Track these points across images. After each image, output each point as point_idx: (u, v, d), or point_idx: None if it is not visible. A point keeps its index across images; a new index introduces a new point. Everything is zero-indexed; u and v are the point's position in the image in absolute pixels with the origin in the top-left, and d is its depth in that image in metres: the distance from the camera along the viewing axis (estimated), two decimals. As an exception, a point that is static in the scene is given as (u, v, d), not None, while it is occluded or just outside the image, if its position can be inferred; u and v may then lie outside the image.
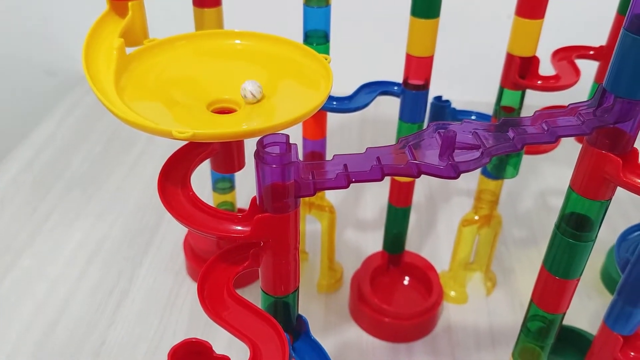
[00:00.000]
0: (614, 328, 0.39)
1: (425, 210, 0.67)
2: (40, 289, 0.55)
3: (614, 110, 0.26)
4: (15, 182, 0.69)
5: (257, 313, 0.27)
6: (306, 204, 0.53)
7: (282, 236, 0.28)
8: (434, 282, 0.53)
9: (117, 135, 0.78)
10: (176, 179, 0.30)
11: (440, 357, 0.50)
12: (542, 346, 0.36)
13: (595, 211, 0.29)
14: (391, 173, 0.26)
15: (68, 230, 0.62)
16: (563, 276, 0.31)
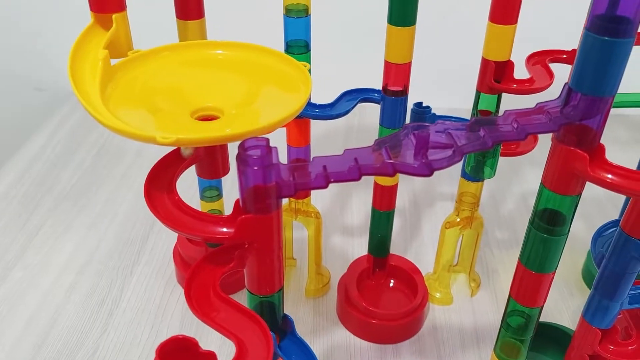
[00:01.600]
0: (593, 322, 0.40)
1: (409, 214, 0.68)
2: (33, 300, 0.56)
3: (579, 107, 0.27)
4: (6, 196, 0.69)
5: (242, 311, 0.28)
6: (292, 210, 0.54)
7: (265, 236, 0.29)
8: (419, 284, 0.54)
9: (106, 150, 0.79)
10: (162, 185, 0.31)
11: (426, 356, 0.51)
12: (522, 340, 0.37)
13: (567, 206, 0.31)
14: (368, 173, 0.28)
15: (59, 241, 0.63)
16: (539, 270, 0.33)
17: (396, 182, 0.50)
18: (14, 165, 0.75)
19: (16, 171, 0.74)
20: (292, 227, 0.56)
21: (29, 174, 0.73)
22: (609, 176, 0.28)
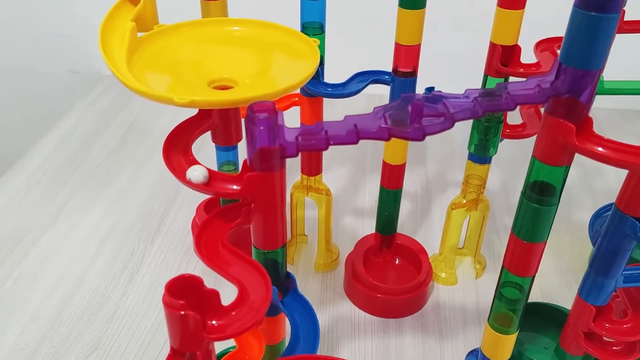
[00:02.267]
0: (588, 299, 0.42)
1: (420, 199, 0.70)
2: (60, 264, 0.59)
3: (567, 80, 0.29)
4: (39, 170, 0.74)
5: (246, 260, 0.31)
6: (304, 187, 0.56)
7: (269, 193, 0.31)
8: (424, 262, 0.56)
9: (133, 129, 0.83)
10: (179, 147, 0.34)
11: (427, 332, 0.53)
12: (515, 310, 0.39)
13: (556, 177, 0.32)
14: (366, 137, 0.30)
15: (86, 213, 0.67)
16: (530, 240, 0.34)
17: (404, 162, 0.52)
18: (48, 141, 0.79)
19: (49, 148, 0.78)
20: (304, 204, 0.59)
21: (61, 150, 0.78)
22: (595, 147, 0.29)
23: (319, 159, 0.54)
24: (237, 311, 0.28)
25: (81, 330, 0.52)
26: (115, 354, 0.50)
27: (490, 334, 0.40)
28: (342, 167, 0.76)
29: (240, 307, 0.28)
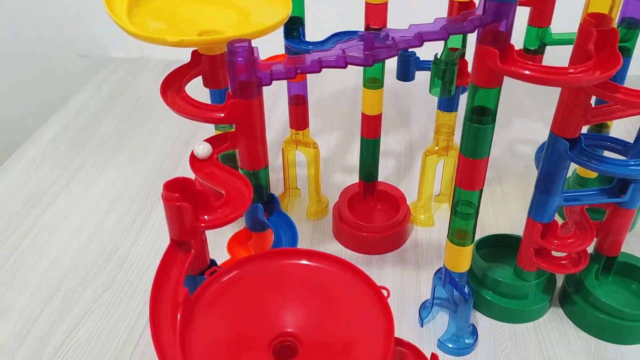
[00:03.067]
0: (535, 217, 0.48)
1: (404, 157, 0.76)
2: (75, 219, 0.66)
3: (489, 12, 0.35)
4: (54, 141, 0.81)
5: (232, 173, 0.37)
6: (294, 141, 0.63)
7: (249, 117, 0.37)
8: (403, 205, 0.62)
9: (140, 105, 0.90)
10: (174, 87, 0.41)
11: (406, 265, 0.59)
12: (468, 224, 0.44)
13: (491, 100, 0.38)
14: (326, 66, 0.36)
15: (98, 176, 0.73)
16: (474, 156, 0.40)
17: (380, 112, 0.57)
18: (61, 117, 0.86)
19: (62, 122, 0.85)
20: (295, 157, 0.65)
21: (74, 123, 0.85)
22: (516, 69, 0.35)
23: (305, 114, 0.61)
24: (223, 208, 0.34)
25: (97, 272, 0.59)
26: (127, 291, 0.57)
27: (451, 248, 0.46)
28: (332, 132, 0.82)
29: (225, 205, 0.34)
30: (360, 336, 0.32)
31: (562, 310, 0.54)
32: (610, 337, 0.50)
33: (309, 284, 0.35)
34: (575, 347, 0.50)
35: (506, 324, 0.53)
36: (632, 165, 0.42)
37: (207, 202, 0.34)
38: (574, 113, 0.41)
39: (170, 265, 0.34)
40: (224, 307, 0.33)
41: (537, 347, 0.50)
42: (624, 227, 0.49)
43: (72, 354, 0.50)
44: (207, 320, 0.32)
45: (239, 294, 0.34)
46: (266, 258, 0.36)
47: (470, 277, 0.54)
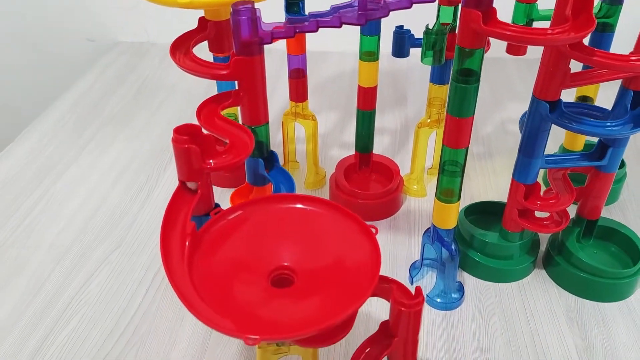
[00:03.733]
0: (519, 179, 0.51)
1: (400, 135, 0.79)
2: (86, 187, 0.70)
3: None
4: (63, 118, 0.84)
5: (236, 125, 0.40)
6: (293, 114, 0.66)
7: (251, 74, 0.41)
8: (396, 175, 0.65)
9: (145, 86, 0.93)
10: (182, 49, 0.44)
11: (398, 231, 0.62)
12: (454, 181, 0.48)
13: (475, 61, 0.41)
14: (322, 25, 0.39)
15: (106, 149, 0.77)
16: (459, 115, 0.43)
17: (375, 85, 0.61)
18: (70, 95, 0.90)
19: (71, 100, 0.88)
20: (294, 130, 0.68)
21: (82, 101, 0.88)
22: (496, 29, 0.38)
23: (305, 87, 0.64)
24: (227, 154, 0.38)
25: (106, 234, 0.62)
26: (134, 251, 0.60)
27: (439, 205, 0.49)
28: (330, 111, 0.85)
29: (229, 152, 0.38)
30: (350, 267, 0.35)
31: (545, 272, 0.57)
32: (589, 295, 0.53)
33: (305, 224, 0.38)
34: (557, 304, 0.53)
35: (492, 283, 0.56)
36: (609, 126, 0.45)
37: (212, 147, 0.37)
38: (554, 76, 0.45)
39: (179, 204, 0.37)
40: (228, 242, 0.37)
41: (520, 304, 0.53)
42: (604, 191, 0.52)
43: (84, 304, 0.54)
44: (212, 252, 0.36)
45: (242, 231, 0.37)
46: (267, 201, 0.39)
47: (459, 240, 0.57)
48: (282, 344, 0.39)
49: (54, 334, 0.51)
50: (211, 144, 0.37)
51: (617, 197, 0.66)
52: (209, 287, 0.33)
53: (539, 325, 0.51)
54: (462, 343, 0.50)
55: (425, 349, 0.49)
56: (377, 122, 0.80)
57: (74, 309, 0.54)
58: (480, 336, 0.50)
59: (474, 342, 0.50)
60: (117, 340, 0.50)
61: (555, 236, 0.57)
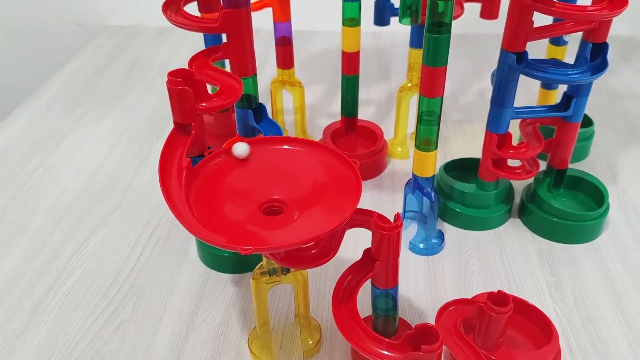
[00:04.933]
0: (491, 129, 0.55)
1: (384, 105, 0.83)
2: (81, 157, 0.72)
3: None
4: (57, 95, 0.86)
5: (226, 73, 0.43)
6: (280, 81, 0.69)
7: (238, 25, 0.44)
8: (380, 137, 0.68)
9: (136, 65, 0.95)
10: (173, 7, 0.47)
11: (383, 190, 0.66)
12: (432, 130, 0.51)
13: (447, 13, 0.45)
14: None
15: (101, 122, 0.79)
16: (434, 64, 0.47)
17: (358, 50, 0.64)
18: (62, 74, 0.92)
19: (64, 79, 0.91)
20: (282, 98, 0.71)
21: (74, 80, 0.90)
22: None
23: (291, 53, 0.67)
24: (217, 97, 0.41)
25: (103, 198, 0.65)
26: (131, 212, 0.63)
27: (418, 154, 0.53)
28: (318, 86, 0.88)
29: (220, 96, 0.41)
30: (335, 195, 0.39)
31: (519, 220, 0.61)
32: (560, 238, 0.57)
33: (293, 162, 0.41)
34: (530, 247, 0.57)
35: (470, 232, 0.59)
36: (570, 73, 0.49)
37: (204, 91, 0.40)
38: (519, 29, 0.48)
39: (175, 144, 0.40)
40: (222, 178, 0.40)
41: (497, 248, 0.57)
42: (570, 141, 0.56)
43: (84, 261, 0.57)
44: (208, 185, 0.39)
45: (235, 169, 0.40)
46: (258, 142, 0.42)
47: (439, 193, 0.60)
48: (274, 272, 0.42)
49: (56, 287, 0.54)
50: (203, 87, 0.40)
51: (586, 154, 0.70)
52: (205, 213, 0.36)
53: (513, 265, 0.55)
54: (442, 282, 0.53)
55: (409, 289, 0.53)
56: (363, 94, 0.84)
57: (74, 265, 0.56)
58: (459, 276, 0.54)
59: (454, 282, 0.53)
60: (117, 292, 0.53)
61: (528, 187, 0.61)
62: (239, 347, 0.47)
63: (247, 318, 0.50)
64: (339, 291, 0.39)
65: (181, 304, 0.52)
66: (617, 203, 0.62)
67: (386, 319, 0.44)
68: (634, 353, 0.46)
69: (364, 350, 0.36)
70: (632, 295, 0.51)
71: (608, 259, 0.55)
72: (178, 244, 0.58)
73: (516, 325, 0.45)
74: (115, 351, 0.47)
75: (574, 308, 0.50)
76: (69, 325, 0.50)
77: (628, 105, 0.81)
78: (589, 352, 0.46)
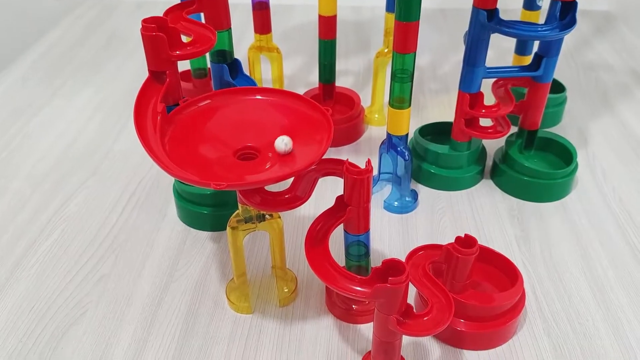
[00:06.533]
0: (464, 89, 0.56)
1: (362, 77, 0.84)
2: (60, 125, 0.72)
3: None
4: (34, 66, 0.86)
5: (199, 24, 0.44)
6: (258, 48, 0.69)
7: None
8: (358, 104, 0.69)
9: (115, 37, 0.95)
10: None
11: (360, 154, 0.67)
12: (405, 89, 0.52)
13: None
14: None
15: (79, 92, 0.79)
16: (407, 19, 0.48)
17: (335, 14, 0.64)
18: (40, 46, 0.92)
19: (42, 49, 0.90)
20: (260, 66, 0.72)
21: (52, 51, 0.90)
22: None
23: (268, 18, 0.67)
24: (191, 46, 0.41)
25: (82, 164, 0.65)
26: (110, 177, 0.63)
27: (392, 112, 0.54)
28: (297, 57, 0.89)
29: (194, 44, 0.41)
30: (307, 140, 0.40)
31: (492, 181, 0.62)
32: (530, 196, 0.59)
33: (267, 111, 0.42)
34: (501, 205, 0.59)
35: (444, 192, 0.61)
36: (540, 30, 0.51)
37: (178, 39, 0.41)
38: (490, -14, 0.49)
39: (150, 91, 0.41)
40: (197, 125, 0.40)
41: (468, 207, 0.59)
42: (541, 102, 0.58)
43: (64, 220, 0.57)
44: (183, 131, 0.40)
45: (210, 117, 0.41)
46: (233, 92, 0.43)
47: (414, 155, 0.62)
48: (250, 219, 0.43)
49: (36, 245, 0.54)
50: (177, 36, 0.41)
51: (559, 120, 0.72)
52: (180, 155, 0.37)
53: (484, 222, 0.57)
54: (415, 238, 0.55)
55: (383, 245, 0.54)
56: (342, 65, 0.84)
57: (54, 224, 0.57)
58: (431, 233, 0.55)
59: (426, 238, 0.55)
60: (97, 249, 0.54)
61: (500, 149, 0.62)
62: (217, 297, 0.48)
63: (225, 271, 0.51)
64: (312, 234, 0.40)
65: (160, 259, 0.53)
66: (586, 165, 0.64)
67: (359, 268, 0.45)
68: (596, 298, 0.48)
69: (336, 286, 0.37)
70: (596, 247, 0.53)
71: (575, 215, 0.57)
72: (157, 206, 0.59)
73: (483, 273, 0.47)
74: (95, 302, 0.48)
75: (540, 259, 0.52)
76: (50, 279, 0.50)
77: (601, 75, 0.84)
78: (553, 297, 0.48)
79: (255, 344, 0.45)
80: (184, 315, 0.47)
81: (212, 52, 0.50)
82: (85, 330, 0.46)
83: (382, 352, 0.39)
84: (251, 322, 0.46)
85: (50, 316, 0.47)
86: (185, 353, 0.44)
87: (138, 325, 0.46)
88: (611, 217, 0.57)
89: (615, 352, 0.44)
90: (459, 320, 0.43)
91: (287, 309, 0.47)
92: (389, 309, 0.36)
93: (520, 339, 0.45)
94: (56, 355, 0.44)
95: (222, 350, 0.44)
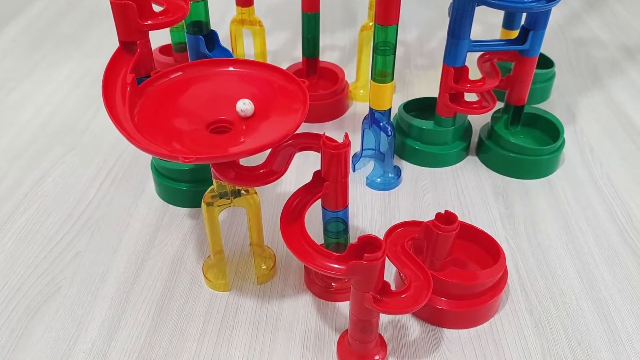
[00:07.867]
0: (448, 62, 0.55)
1: (348, 52, 0.82)
2: (39, 99, 0.71)
3: None
4: (15, 40, 0.84)
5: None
6: (240, 21, 0.67)
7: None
8: (341, 78, 0.68)
9: (97, 12, 0.93)
10: None
11: (344, 130, 0.66)
12: (387, 61, 0.51)
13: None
14: None
15: (59, 67, 0.77)
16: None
17: (318, -13, 0.63)
18: (20, 21, 0.89)
19: (22, 25, 0.88)
20: (242, 41, 0.70)
21: (33, 26, 0.88)
22: None
23: (250, -9, 0.65)
24: (163, 15, 0.40)
25: (60, 139, 0.64)
26: (88, 153, 0.62)
27: (374, 87, 0.52)
28: (282, 32, 0.87)
29: (165, 14, 0.40)
30: (282, 113, 0.38)
31: (477, 157, 0.61)
32: (516, 173, 0.58)
33: (241, 83, 0.41)
34: (486, 182, 0.58)
35: (428, 169, 0.60)
36: (526, 1, 0.49)
37: (149, 9, 0.39)
38: (475, -45, 0.48)
39: (119, 62, 0.39)
40: (169, 97, 0.39)
41: (452, 184, 0.58)
42: (528, 76, 0.56)
43: (41, 196, 0.56)
44: (154, 104, 0.38)
45: (182, 89, 0.40)
46: (205, 64, 0.41)
47: (398, 132, 0.61)
48: (225, 195, 0.42)
49: (11, 220, 0.53)
50: (148, 5, 0.39)
51: (547, 96, 0.70)
52: (150, 127, 0.36)
53: (468, 200, 0.56)
54: (397, 214, 0.54)
55: (364, 221, 0.53)
56: (327, 40, 0.82)
57: (30, 200, 0.55)
58: (414, 210, 0.55)
59: (409, 214, 0.54)
60: (72, 225, 0.53)
61: (486, 125, 0.61)
62: (194, 274, 0.48)
63: (203, 248, 0.50)
64: (289, 210, 0.39)
65: (137, 235, 0.51)
66: (574, 141, 0.64)
67: (337, 245, 0.44)
68: (580, 276, 0.48)
69: (312, 264, 0.37)
70: (582, 225, 0.53)
71: (561, 193, 0.56)
72: (135, 182, 0.58)
73: (465, 250, 0.46)
74: (70, 278, 0.47)
75: (525, 237, 0.51)
76: (25, 255, 0.49)
77: (591, 51, 0.82)
78: (536, 275, 0.48)
79: (231, 322, 0.44)
80: (159, 292, 0.46)
81: (187, 23, 0.48)
82: (59, 307, 0.45)
83: (359, 331, 0.39)
84: (228, 300, 0.45)
85: (23, 292, 0.46)
86: (160, 330, 0.43)
87: (112, 303, 0.45)
88: (598, 195, 0.56)
89: (599, 330, 0.43)
90: (439, 298, 0.43)
91: (264, 286, 0.47)
92: (365, 286, 0.35)
93: (502, 317, 0.45)
94: (28, 332, 0.43)
95: (197, 328, 0.43)
